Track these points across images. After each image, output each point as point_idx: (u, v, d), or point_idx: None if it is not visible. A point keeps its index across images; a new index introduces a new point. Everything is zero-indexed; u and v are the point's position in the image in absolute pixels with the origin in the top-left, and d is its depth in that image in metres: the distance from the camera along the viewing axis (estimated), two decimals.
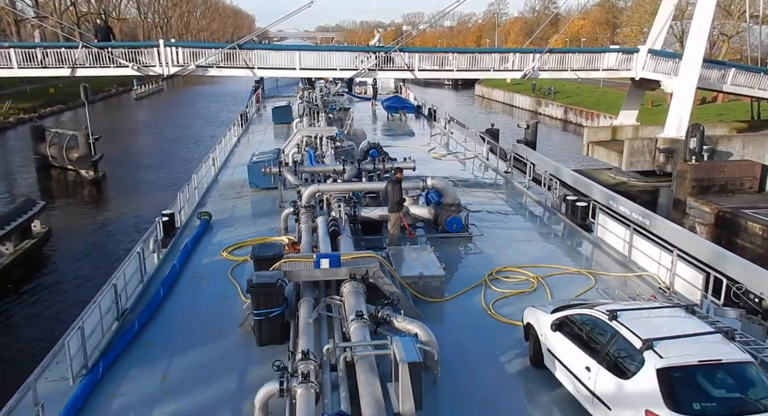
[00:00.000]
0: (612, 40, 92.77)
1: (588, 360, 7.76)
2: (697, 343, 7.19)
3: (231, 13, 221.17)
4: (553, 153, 43.86)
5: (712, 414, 6.66)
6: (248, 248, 13.50)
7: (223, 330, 10.68)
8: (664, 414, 6.52)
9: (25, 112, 61.45)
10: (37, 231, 25.53)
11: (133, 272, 12.20)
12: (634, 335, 7.30)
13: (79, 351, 9.03)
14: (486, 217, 17.25)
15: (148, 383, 9.12)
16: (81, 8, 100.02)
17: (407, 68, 31.53)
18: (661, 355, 6.92)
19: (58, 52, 28.84)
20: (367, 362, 7.50)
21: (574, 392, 8.16)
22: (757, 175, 25.28)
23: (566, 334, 8.39)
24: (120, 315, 10.95)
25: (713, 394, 6.87)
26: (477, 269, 13.34)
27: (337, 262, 10.32)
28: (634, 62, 32.47)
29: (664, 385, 6.69)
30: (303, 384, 7.10)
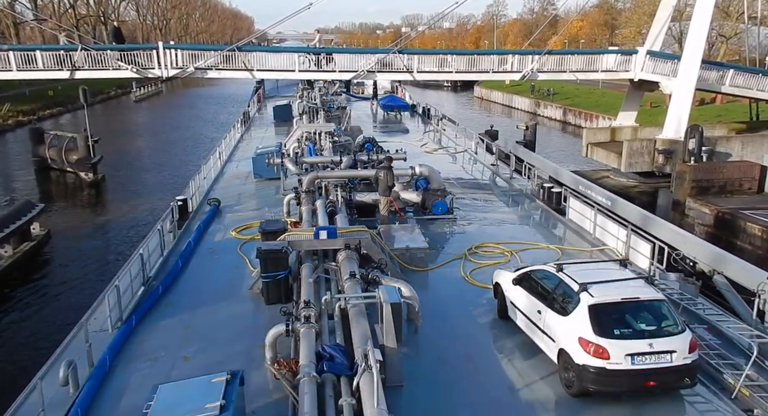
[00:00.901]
0: (611, 41, 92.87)
1: (540, 305, 9.68)
2: (622, 286, 9.16)
3: (230, 15, 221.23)
4: (553, 154, 43.91)
5: (628, 338, 8.55)
6: (255, 229, 15.04)
7: (234, 293, 12.44)
8: (592, 339, 8.48)
9: (24, 115, 61.43)
10: (36, 234, 25.53)
11: (154, 247, 13.97)
12: (573, 281, 9.22)
13: (116, 306, 10.84)
14: (471, 203, 19.20)
15: (174, 332, 10.85)
16: (80, 11, 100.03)
17: (406, 70, 31.56)
18: (592, 295, 8.83)
19: (57, 55, 28.83)
20: (358, 309, 9.03)
21: (528, 333, 10.08)
22: (756, 175, 25.28)
23: (524, 287, 10.29)
24: (145, 281, 12.76)
25: (631, 323, 8.79)
26: (458, 245, 15.19)
27: (334, 234, 11.83)
28: (633, 63, 32.50)
29: (593, 318, 8.63)
30: (305, 324, 8.71)
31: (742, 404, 8.53)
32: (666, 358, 8.43)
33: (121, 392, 9.06)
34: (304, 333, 8.58)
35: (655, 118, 41.79)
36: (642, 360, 8.40)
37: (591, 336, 8.52)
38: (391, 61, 31.54)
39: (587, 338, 8.53)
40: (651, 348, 8.44)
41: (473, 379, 9.38)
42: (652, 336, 8.60)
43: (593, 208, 15.87)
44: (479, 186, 22.26)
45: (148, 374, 9.16)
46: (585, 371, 8.48)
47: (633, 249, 13.73)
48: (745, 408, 8.43)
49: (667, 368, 8.42)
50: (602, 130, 37.55)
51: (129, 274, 11.83)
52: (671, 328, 8.72)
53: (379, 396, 6.73)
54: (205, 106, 79.41)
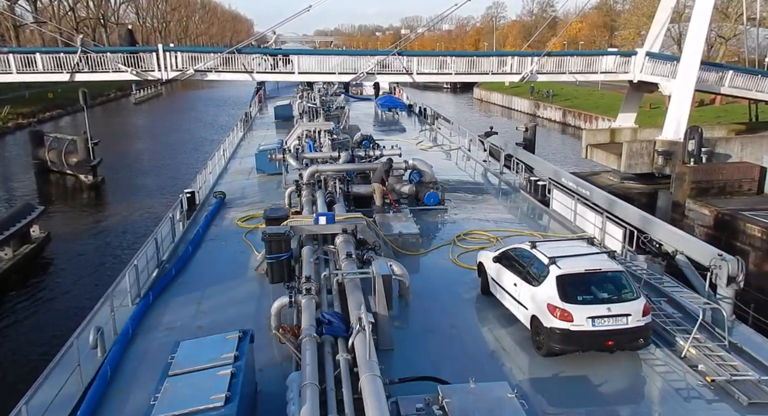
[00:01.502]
0: (610, 43, 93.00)
1: (516, 278, 10.92)
2: (586, 260, 10.44)
3: (229, 18, 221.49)
4: (553, 156, 43.94)
5: (590, 303, 9.79)
6: (259, 219, 16.21)
7: (241, 274, 13.64)
8: (558, 304, 9.72)
9: (24, 117, 61.43)
10: (36, 236, 25.52)
11: (166, 233, 15.19)
12: (544, 256, 10.47)
13: (135, 283, 12.09)
14: (461, 195, 20.41)
15: (187, 307, 11.99)
16: (80, 13, 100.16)
17: (406, 72, 31.60)
18: (560, 267, 10.08)
19: (56, 57, 28.87)
20: (354, 283, 10.17)
21: (506, 304, 11.31)
22: (756, 176, 25.27)
23: (503, 264, 11.50)
24: (159, 264, 13.94)
25: (593, 291, 10.03)
26: (448, 233, 16.42)
27: (332, 220, 12.89)
28: (632, 65, 32.53)
29: (560, 286, 9.87)
30: (306, 296, 9.82)
31: (690, 362, 9.82)
32: (622, 321, 9.71)
33: (144, 354, 10.32)
34: (305, 303, 9.65)
35: (654, 120, 41.80)
36: (601, 322, 9.67)
37: (558, 302, 9.78)
38: (391, 63, 31.59)
39: (555, 304, 9.80)
40: (609, 312, 9.71)
41: (457, 345, 10.53)
42: (610, 302, 9.84)
43: (573, 198, 17.15)
44: (470, 180, 23.43)
45: (167, 341, 9.96)
46: (552, 333, 9.76)
47: (608, 234, 14.96)
48: (692, 365, 9.73)
49: (623, 329, 9.70)
50: (602, 131, 37.55)
51: (145, 256, 13.06)
52: (627, 295, 9.98)
53: (371, 352, 7.71)
54: (204, 109, 79.44)
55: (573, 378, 9.58)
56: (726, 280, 11.39)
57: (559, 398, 9.15)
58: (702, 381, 9.30)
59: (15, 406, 7.61)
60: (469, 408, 7.13)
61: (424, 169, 19.08)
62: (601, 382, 9.46)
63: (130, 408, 8.73)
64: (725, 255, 11.68)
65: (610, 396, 9.14)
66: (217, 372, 7.66)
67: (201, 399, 7.13)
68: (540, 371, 9.75)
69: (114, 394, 9.16)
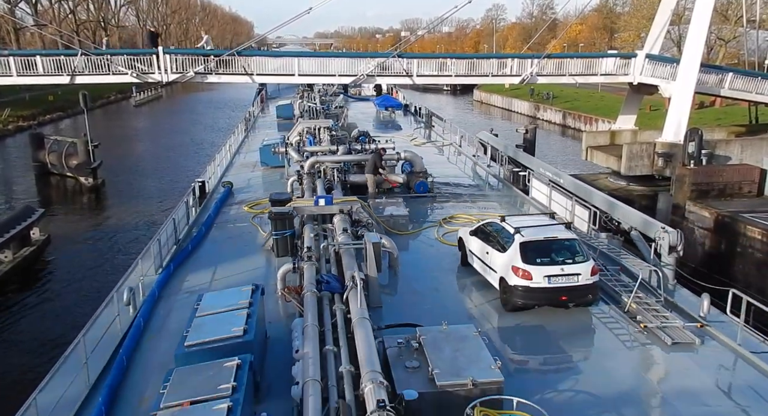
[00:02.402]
0: (610, 45, 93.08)
1: (487, 247, 12.76)
2: (546, 230, 12.32)
3: (230, 20, 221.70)
4: (553, 158, 43.93)
5: (546, 265, 11.56)
6: (264, 205, 17.90)
7: (250, 250, 15.40)
8: (521, 266, 11.53)
9: (24, 120, 61.46)
10: (36, 239, 25.51)
11: (181, 216, 17.19)
12: (511, 227, 12.28)
13: (158, 255, 14.07)
14: (450, 185, 22.03)
15: (203, 276, 13.70)
16: (80, 16, 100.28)
17: (406, 74, 31.61)
18: (523, 236, 11.88)
19: (57, 60, 28.88)
20: (349, 251, 11.88)
21: (480, 270, 13.14)
22: (756, 178, 25.24)
23: (479, 237, 13.28)
24: (176, 241, 15.73)
25: (550, 255, 11.79)
26: (435, 216, 18.20)
27: (330, 201, 14.82)
28: (632, 67, 32.54)
29: (522, 251, 11.65)
30: (308, 262, 11.49)
31: (631, 314, 11.79)
32: (573, 279, 11.54)
33: (170, 310, 12.14)
34: (306, 267, 11.29)
35: (654, 122, 41.80)
36: (556, 280, 11.50)
37: (520, 264, 11.57)
38: (391, 65, 31.60)
39: (517, 265, 11.60)
40: (562, 272, 11.51)
41: (438, 305, 12.22)
42: (564, 264, 11.64)
43: (549, 185, 19.33)
44: (460, 173, 25.10)
45: (189, 300, 11.52)
46: (515, 289, 11.63)
47: (577, 216, 17.03)
48: (632, 317, 11.70)
49: (574, 286, 11.55)
50: (602, 133, 37.54)
51: (165, 233, 15.02)
52: (579, 258, 11.74)
53: (362, 302, 9.45)
54: (205, 111, 79.49)
55: (532, 328, 11.43)
56: (668, 249, 13.40)
57: (520, 345, 11.15)
58: (639, 328, 11.30)
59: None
60: (441, 343, 8.89)
61: (414, 161, 21.05)
62: (556, 332, 11.25)
63: (164, 346, 10.34)
64: (667, 228, 13.75)
65: (563, 343, 10.92)
66: (236, 313, 9.50)
67: (224, 331, 9.00)
68: (505, 323, 11.69)
69: (147, 338, 10.99)
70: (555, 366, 10.27)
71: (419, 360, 8.63)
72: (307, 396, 7.48)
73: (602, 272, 12.87)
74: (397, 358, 8.74)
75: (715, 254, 22.67)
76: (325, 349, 8.65)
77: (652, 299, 12.24)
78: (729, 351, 10.51)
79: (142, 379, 9.64)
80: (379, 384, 7.30)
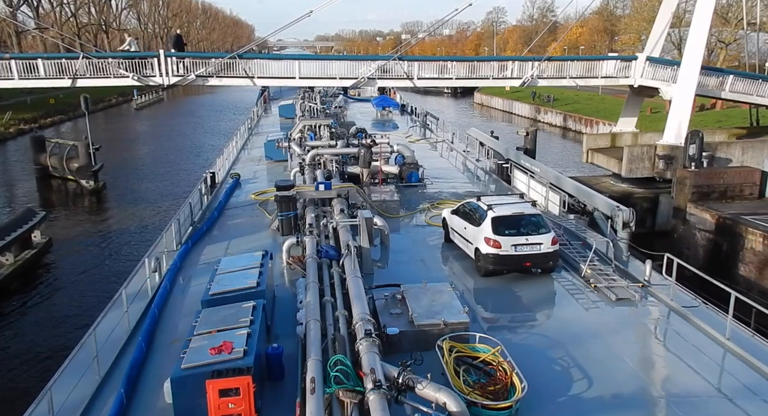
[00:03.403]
0: (610, 47, 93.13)
1: (465, 223, 14.81)
2: (514, 207, 14.44)
3: (231, 23, 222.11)
4: (554, 161, 43.90)
5: (513, 235, 13.65)
6: (269, 194, 19.42)
7: (258, 230, 17.31)
8: (492, 236, 13.58)
9: (26, 123, 61.54)
10: (38, 242, 25.52)
11: (195, 202, 19.06)
12: (485, 205, 14.35)
13: (177, 233, 16.12)
14: (440, 176, 23.94)
15: (218, 249, 15.54)
16: (81, 19, 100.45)
17: (407, 76, 31.63)
18: (494, 211, 13.95)
19: (58, 63, 28.93)
20: (345, 227, 13.85)
21: (459, 243, 15.22)
22: (757, 181, 25.22)
23: (458, 215, 15.35)
24: (192, 223, 17.82)
25: (517, 227, 13.86)
26: (424, 201, 20.24)
27: (329, 187, 16.82)
28: (633, 70, 32.54)
29: (493, 225, 13.72)
30: (309, 236, 13.43)
31: (586, 279, 13.79)
32: (536, 248, 13.68)
33: (191, 277, 14.10)
34: (308, 240, 13.12)
35: (655, 124, 41.83)
36: (521, 248, 13.65)
37: (491, 235, 13.64)
38: (392, 68, 31.62)
39: (489, 236, 13.67)
40: (527, 242, 13.66)
41: (422, 272, 13.98)
42: (528, 234, 13.74)
43: (527, 175, 22.06)
44: (450, 166, 27.25)
45: (207, 270, 13.02)
46: (487, 257, 13.72)
47: (550, 201, 19.55)
48: (587, 280, 13.72)
49: (537, 254, 13.73)
50: (602, 135, 37.54)
51: (183, 214, 17.18)
52: (541, 230, 13.86)
53: (355, 265, 11.48)
54: (206, 114, 79.57)
55: (501, 290, 13.47)
56: (622, 225, 15.68)
57: (491, 304, 13.02)
58: (591, 288, 13.40)
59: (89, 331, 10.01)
60: (420, 296, 11.07)
61: (407, 153, 23.39)
62: (520, 292, 13.34)
63: (188, 301, 12.39)
64: (621, 207, 16.09)
65: (526, 301, 13.04)
66: (249, 271, 11.37)
67: (240, 284, 10.83)
68: (479, 285, 13.81)
69: (174, 296, 12.93)
70: (517, 318, 12.32)
71: (402, 308, 10.80)
72: (309, 332, 9.01)
73: (565, 245, 15.21)
74: (384, 308, 10.89)
75: (716, 256, 22.65)
76: (324, 300, 10.32)
77: (605, 266, 14.31)
78: (663, 305, 12.65)
79: (172, 324, 11.59)
80: (367, 321, 9.11)
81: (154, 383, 9.30)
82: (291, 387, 8.85)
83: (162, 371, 9.38)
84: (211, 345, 8.51)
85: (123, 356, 10.33)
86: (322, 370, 7.96)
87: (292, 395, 8.34)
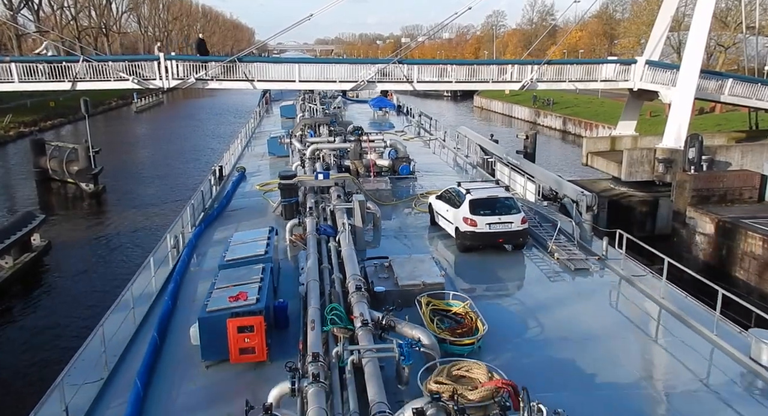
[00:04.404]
0: (609, 51, 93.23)
1: (447, 206, 16.76)
2: (490, 190, 16.70)
3: (231, 27, 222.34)
4: (554, 164, 43.93)
5: (488, 215, 15.61)
6: (272, 185, 21.34)
7: (263, 215, 19.10)
8: (469, 216, 15.56)
9: (26, 126, 61.59)
10: (37, 245, 25.51)
11: (206, 191, 21.06)
12: (464, 189, 16.38)
13: (192, 216, 18.07)
14: (430, 169, 25.85)
15: (228, 231, 16.83)
16: (82, 22, 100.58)
17: (406, 80, 31.67)
18: (472, 194, 16.01)
19: (58, 66, 28.95)
20: (341, 211, 15.59)
21: (442, 225, 17.17)
22: (756, 184, 25.25)
23: (442, 199, 17.30)
24: (204, 208, 19.69)
25: (491, 208, 15.88)
26: (415, 192, 22.21)
27: (327, 176, 18.74)
28: (632, 73, 32.59)
29: (471, 206, 15.73)
30: (309, 217, 15.31)
31: (551, 253, 15.82)
32: (508, 226, 15.69)
33: (206, 252, 16.02)
34: (309, 220, 15.01)
35: (654, 127, 41.85)
36: (495, 226, 15.63)
37: (469, 215, 15.62)
38: (392, 71, 31.65)
39: (467, 216, 15.65)
40: (500, 220, 15.64)
41: (408, 248, 16.16)
42: (501, 214, 15.75)
43: (508, 167, 24.58)
44: (441, 161, 29.02)
45: (220, 247, 14.78)
46: (465, 234, 15.76)
47: (528, 190, 22.06)
48: (551, 254, 15.77)
49: (508, 231, 15.73)
50: (602, 139, 37.57)
51: (196, 200, 19.12)
52: (512, 211, 15.90)
53: (349, 239, 13.24)
54: (206, 117, 79.61)
55: (477, 263, 15.47)
56: (585, 208, 17.42)
57: (468, 276, 14.80)
58: (554, 261, 15.46)
59: None
60: (404, 264, 13.21)
61: (399, 148, 25.25)
62: (494, 265, 15.27)
63: (206, 268, 14.45)
64: (585, 192, 17.89)
65: (499, 273, 14.86)
66: (258, 242, 13.31)
67: (251, 252, 12.76)
68: (458, 259, 15.79)
69: (192, 265, 14.99)
70: (488, 283, 14.32)
71: (388, 274, 12.90)
72: (309, 291, 10.73)
73: (537, 226, 17.29)
74: (373, 273, 12.97)
75: (716, 260, 22.66)
76: (323, 266, 12.17)
77: (569, 243, 16.28)
78: (615, 275, 14.69)
79: (193, 287, 13.53)
80: (358, 280, 10.93)
81: (180, 329, 11.24)
82: (294, 333, 10.60)
83: (187, 321, 11.18)
84: (229, 296, 10.43)
85: (152, 310, 12.36)
86: (320, 316, 9.76)
87: (296, 338, 10.10)
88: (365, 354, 8.46)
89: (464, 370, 8.59)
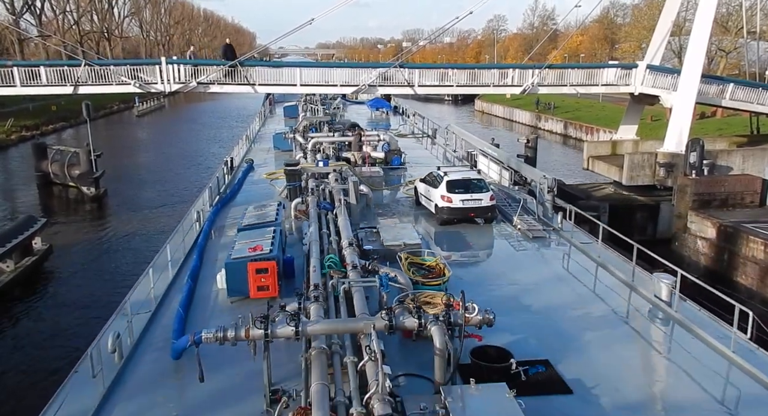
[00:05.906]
0: (611, 55, 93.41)
1: (429, 188, 19.65)
2: (465, 173, 20.15)
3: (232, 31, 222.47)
4: (554, 168, 43.91)
5: (462, 193, 18.57)
6: (279, 174, 24.23)
7: (270, 198, 20.91)
8: (446, 194, 18.59)
9: (28, 130, 61.60)
10: (38, 249, 25.48)
11: (221, 177, 24.31)
12: (442, 172, 19.38)
13: (209, 198, 21.08)
14: (419, 161, 28.31)
15: (239, 210, 18.62)
16: (84, 27, 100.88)
17: (407, 84, 31.73)
18: (449, 176, 18.96)
19: (60, 70, 29.02)
20: (338, 190, 18.01)
21: (425, 203, 20.19)
22: (758, 189, 25.23)
23: (425, 182, 20.22)
24: (218, 193, 22.43)
25: (465, 187, 18.74)
26: (404, 180, 24.82)
27: (327, 164, 21.87)
28: (633, 77, 32.64)
29: (448, 186, 18.65)
30: (311, 196, 17.78)
31: (515, 226, 18.67)
32: (478, 202, 18.58)
33: (223, 225, 18.72)
34: (311, 198, 17.50)
35: (656, 132, 41.86)
36: (467, 202, 18.51)
37: (445, 193, 18.54)
38: (393, 75, 31.73)
39: (444, 194, 18.56)
40: (471, 198, 18.51)
41: (396, 223, 18.37)
42: (473, 192, 18.62)
43: (487, 158, 27.17)
44: (430, 155, 31.64)
45: (234, 223, 17.52)
46: (443, 209, 18.67)
47: (502, 177, 24.92)
48: (515, 226, 18.64)
49: (479, 207, 18.61)
50: (603, 143, 37.59)
51: (212, 184, 22.29)
52: (482, 190, 18.85)
53: (344, 212, 15.89)
54: (207, 121, 79.67)
55: (452, 234, 18.29)
56: (546, 189, 19.96)
57: (445, 243, 17.57)
58: (518, 233, 18.31)
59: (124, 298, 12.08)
60: (389, 230, 16.85)
61: (391, 141, 28.18)
62: (467, 236, 18.11)
63: (225, 236, 17.36)
64: (546, 175, 20.60)
65: (471, 243, 17.65)
66: (268, 212, 16.52)
67: (264, 219, 15.79)
68: (438, 232, 18.54)
69: (212, 234, 17.68)
70: (462, 252, 16.95)
71: (377, 238, 16.58)
72: (311, 247, 13.33)
73: (506, 206, 20.21)
74: (364, 237, 15.86)
75: (717, 264, 22.62)
76: (323, 231, 14.56)
77: (531, 218, 19.15)
78: (566, 243, 17.40)
79: (214, 250, 16.17)
80: (352, 239, 13.50)
81: (208, 279, 14.22)
82: (300, 282, 12.85)
83: (212, 272, 14.35)
84: (248, 247, 13.39)
85: (183, 268, 15.02)
86: (320, 265, 12.26)
87: (301, 284, 12.39)
88: (354, 284, 10.74)
89: (429, 298, 11.27)
